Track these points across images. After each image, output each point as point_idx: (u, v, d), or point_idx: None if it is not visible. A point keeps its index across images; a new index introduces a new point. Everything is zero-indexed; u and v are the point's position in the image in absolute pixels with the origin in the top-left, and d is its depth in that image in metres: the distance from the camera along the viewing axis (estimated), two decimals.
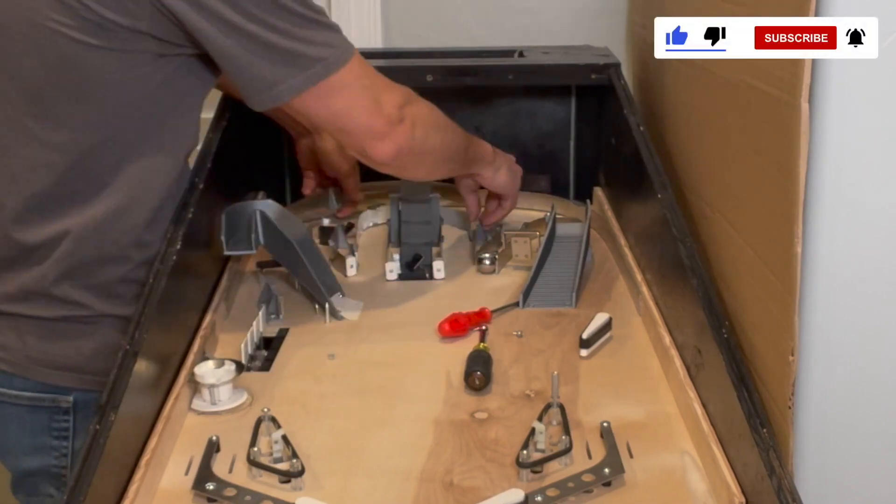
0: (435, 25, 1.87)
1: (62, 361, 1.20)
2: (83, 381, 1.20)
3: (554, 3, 1.87)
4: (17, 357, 1.20)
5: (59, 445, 1.23)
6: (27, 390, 1.21)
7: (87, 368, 1.20)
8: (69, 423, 1.22)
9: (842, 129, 0.93)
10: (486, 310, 1.25)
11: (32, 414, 1.22)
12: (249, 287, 1.36)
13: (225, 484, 0.91)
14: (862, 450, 1.04)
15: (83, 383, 1.20)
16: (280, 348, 1.20)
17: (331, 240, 1.44)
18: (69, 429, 1.23)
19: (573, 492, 0.89)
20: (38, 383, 1.21)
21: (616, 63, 1.55)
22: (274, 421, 0.98)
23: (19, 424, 1.23)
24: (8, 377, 1.21)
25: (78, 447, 1.21)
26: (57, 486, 1.25)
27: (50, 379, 1.20)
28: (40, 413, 1.22)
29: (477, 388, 1.08)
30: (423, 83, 1.52)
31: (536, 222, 1.50)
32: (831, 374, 1.01)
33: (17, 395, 1.21)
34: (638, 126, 1.38)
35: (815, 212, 0.95)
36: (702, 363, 1.03)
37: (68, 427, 1.22)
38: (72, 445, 1.23)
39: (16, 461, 1.27)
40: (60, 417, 1.22)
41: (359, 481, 0.94)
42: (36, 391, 1.21)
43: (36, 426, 1.23)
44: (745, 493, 0.87)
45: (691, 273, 1.10)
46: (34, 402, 1.22)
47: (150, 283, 1.09)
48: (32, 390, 1.21)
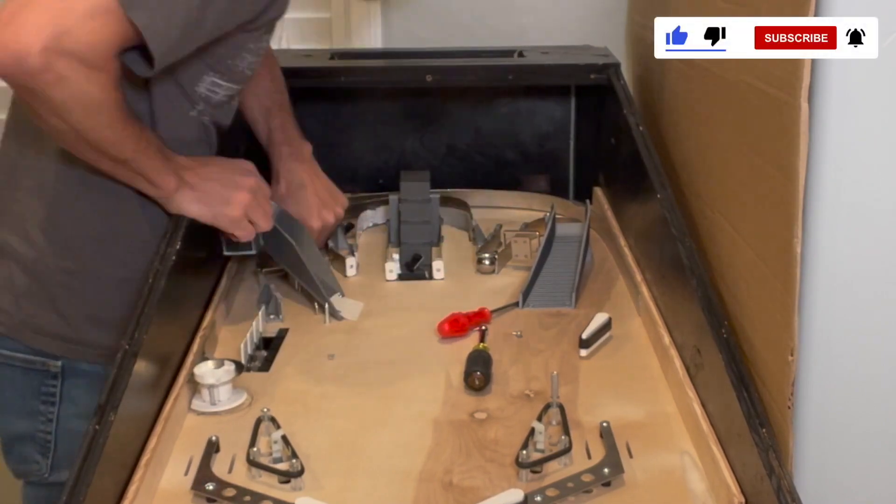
0: (435, 25, 1.87)
1: (50, 328, 1.22)
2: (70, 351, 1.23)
3: (554, 4, 1.87)
4: (11, 320, 1.22)
5: (45, 410, 1.25)
6: (19, 352, 1.23)
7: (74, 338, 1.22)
8: (56, 388, 1.24)
9: (841, 129, 0.93)
10: (485, 310, 1.25)
11: (25, 376, 1.24)
12: (249, 287, 1.36)
13: (224, 484, 0.91)
14: (861, 449, 1.04)
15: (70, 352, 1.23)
16: (280, 348, 1.20)
17: (330, 240, 1.44)
18: (56, 394, 1.24)
19: (573, 492, 0.89)
20: (31, 346, 1.23)
21: (616, 63, 1.55)
22: (273, 421, 0.98)
23: (12, 385, 1.25)
24: (2, 338, 1.23)
25: (63, 414, 1.24)
26: (42, 453, 1.27)
27: (39, 344, 1.23)
28: (32, 376, 1.24)
29: (477, 389, 1.08)
30: (423, 83, 1.52)
31: (536, 222, 1.50)
32: (831, 374, 1.01)
33: (12, 356, 1.24)
34: (637, 126, 1.38)
35: (814, 211, 0.95)
36: (701, 363, 1.03)
37: (55, 392, 1.24)
38: (57, 412, 1.25)
39: (7, 423, 1.29)
40: (49, 382, 1.24)
41: (358, 481, 0.94)
42: (28, 353, 1.23)
43: (27, 389, 1.25)
44: (744, 492, 0.87)
45: (691, 273, 1.10)
46: (26, 365, 1.24)
47: (150, 283, 1.09)
48: (25, 352, 1.23)
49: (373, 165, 1.67)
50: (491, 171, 1.69)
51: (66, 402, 1.25)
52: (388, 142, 1.68)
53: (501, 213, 1.61)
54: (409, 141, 1.69)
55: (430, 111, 1.68)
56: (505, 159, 1.70)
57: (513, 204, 1.64)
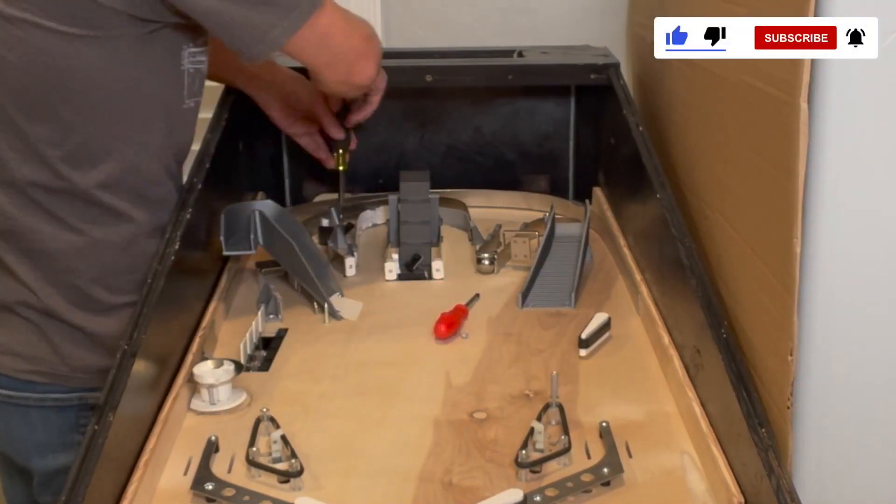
0: (435, 25, 1.87)
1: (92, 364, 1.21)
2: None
3: (553, 3, 1.86)
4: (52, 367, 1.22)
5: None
6: (51, 392, 1.22)
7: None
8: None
9: (841, 129, 0.93)
10: (460, 305, 1.26)
11: (60, 413, 1.24)
12: (248, 287, 1.36)
13: (224, 484, 0.91)
14: (860, 449, 1.04)
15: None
16: (279, 348, 1.20)
17: (330, 240, 1.44)
18: None
19: (572, 492, 0.89)
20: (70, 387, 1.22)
21: (615, 63, 1.55)
22: (273, 421, 0.98)
23: (45, 425, 1.24)
24: (32, 384, 1.22)
25: None
26: None
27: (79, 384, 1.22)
28: (68, 412, 1.24)
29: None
30: (423, 83, 1.52)
31: (535, 222, 1.50)
32: (830, 374, 1.01)
33: (42, 399, 1.23)
34: (637, 126, 1.38)
35: (814, 212, 0.95)
36: (701, 363, 1.03)
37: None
38: None
39: (44, 461, 1.27)
40: (86, 413, 1.23)
41: (358, 481, 0.94)
42: (62, 392, 1.22)
43: (64, 426, 1.24)
44: (744, 492, 0.87)
45: (690, 273, 1.10)
46: (60, 403, 1.23)
47: (149, 283, 1.09)
48: (58, 392, 1.22)
49: (372, 165, 1.66)
50: (490, 171, 1.69)
51: None
52: (387, 142, 1.68)
53: (501, 213, 1.61)
54: (409, 141, 1.69)
55: (430, 111, 1.68)
56: (505, 159, 1.69)
57: (512, 204, 1.64)
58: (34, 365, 1.22)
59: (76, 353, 1.22)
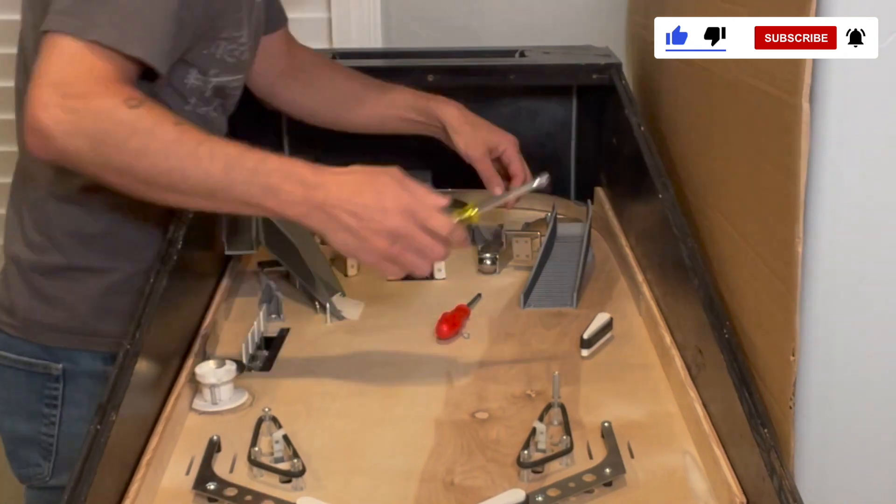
0: (435, 25, 1.87)
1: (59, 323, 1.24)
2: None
3: (555, 3, 1.86)
4: (18, 320, 1.24)
5: (48, 413, 1.26)
6: (24, 354, 1.25)
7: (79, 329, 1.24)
8: (59, 391, 1.25)
9: (842, 129, 0.93)
10: (462, 305, 1.26)
11: (28, 379, 1.26)
12: (250, 287, 1.36)
13: (226, 484, 0.91)
14: (863, 450, 1.04)
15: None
16: (281, 348, 1.20)
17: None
18: (58, 397, 1.25)
19: (574, 492, 0.89)
20: (35, 347, 1.24)
21: (617, 63, 1.55)
22: (275, 421, 0.98)
23: (17, 387, 1.27)
24: (11, 340, 1.25)
25: (65, 417, 1.26)
26: (44, 456, 1.28)
27: (46, 341, 1.24)
28: (34, 378, 1.25)
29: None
30: (423, 83, 1.52)
31: (537, 222, 1.50)
32: (832, 374, 1.01)
33: (16, 359, 1.25)
34: (639, 126, 1.38)
35: (815, 211, 0.95)
36: (703, 363, 1.03)
37: (58, 395, 1.25)
38: (60, 415, 1.26)
39: (13, 425, 1.30)
40: (51, 385, 1.25)
41: (360, 481, 0.94)
42: (32, 356, 1.25)
43: (31, 392, 1.26)
44: (746, 493, 0.87)
45: (692, 273, 1.10)
46: (29, 367, 1.25)
47: (151, 282, 1.09)
48: (29, 355, 1.25)
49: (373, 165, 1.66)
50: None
51: (68, 405, 1.26)
52: (388, 142, 1.68)
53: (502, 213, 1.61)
54: (409, 141, 1.69)
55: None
56: None
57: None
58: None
59: (37, 306, 1.24)
